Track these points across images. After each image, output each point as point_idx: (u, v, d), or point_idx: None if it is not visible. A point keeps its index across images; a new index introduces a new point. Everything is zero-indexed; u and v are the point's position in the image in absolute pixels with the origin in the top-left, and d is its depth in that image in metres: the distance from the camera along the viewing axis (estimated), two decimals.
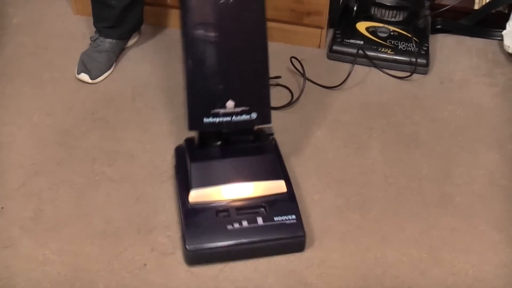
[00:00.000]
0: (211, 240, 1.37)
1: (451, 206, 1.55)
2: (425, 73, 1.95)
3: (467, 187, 1.60)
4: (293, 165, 1.62)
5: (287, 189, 1.45)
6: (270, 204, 1.43)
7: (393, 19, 2.03)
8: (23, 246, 1.43)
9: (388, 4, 2.03)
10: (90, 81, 1.85)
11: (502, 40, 2.01)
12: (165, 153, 1.65)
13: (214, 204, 1.42)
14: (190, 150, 1.49)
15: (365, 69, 1.96)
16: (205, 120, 1.39)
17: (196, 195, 1.41)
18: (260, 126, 1.48)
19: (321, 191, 1.57)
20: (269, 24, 2.02)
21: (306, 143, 1.70)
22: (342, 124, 1.76)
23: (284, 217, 1.41)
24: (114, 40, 1.88)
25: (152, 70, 1.92)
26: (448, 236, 1.48)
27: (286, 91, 1.85)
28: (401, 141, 1.72)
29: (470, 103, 1.85)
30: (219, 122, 1.39)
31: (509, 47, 1.97)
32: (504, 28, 2.02)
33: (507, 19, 2.02)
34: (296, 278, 1.39)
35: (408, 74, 1.92)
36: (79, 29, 2.06)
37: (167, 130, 1.73)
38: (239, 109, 1.38)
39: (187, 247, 1.36)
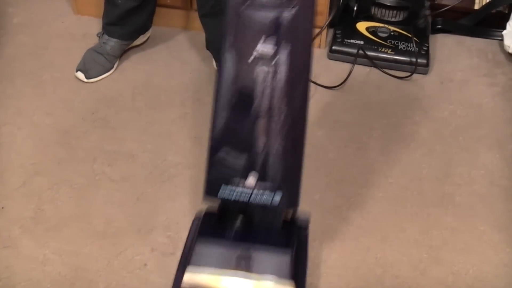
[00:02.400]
0: None
1: (451, 206, 1.55)
2: (425, 73, 1.95)
3: (467, 187, 1.60)
4: None
5: None
6: None
7: (393, 19, 2.03)
8: (23, 246, 1.43)
9: (388, 4, 2.03)
10: (85, 80, 1.85)
11: (502, 40, 2.01)
12: (165, 153, 1.65)
13: None
14: (205, 221, 1.30)
15: (365, 69, 1.96)
16: (222, 189, 1.22)
17: (191, 279, 1.21)
18: (294, 212, 1.32)
19: (321, 191, 1.57)
20: None
21: (306, 143, 1.70)
22: (342, 124, 1.76)
23: None
24: (116, 41, 1.87)
25: (152, 70, 1.92)
26: (448, 236, 1.48)
27: None
28: (401, 141, 1.72)
29: (470, 103, 1.85)
30: (236, 195, 1.21)
31: (509, 47, 1.97)
32: (504, 28, 2.02)
33: (507, 19, 2.02)
34: None
35: (408, 74, 1.92)
36: (79, 29, 2.06)
37: (167, 130, 1.73)
38: (261, 185, 1.20)
39: None
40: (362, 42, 1.98)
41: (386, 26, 2.01)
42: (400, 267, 1.42)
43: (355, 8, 2.06)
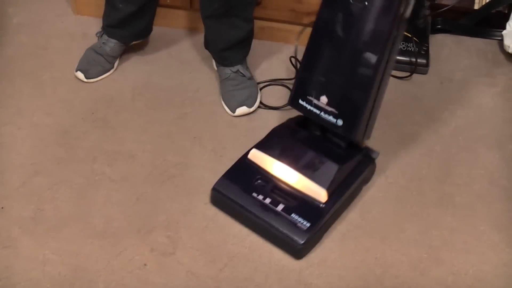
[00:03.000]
0: (233, 195, 1.48)
1: (451, 206, 1.55)
2: (425, 73, 1.94)
3: (467, 187, 1.60)
4: None
5: (327, 201, 1.44)
6: (300, 201, 1.45)
7: None
8: (23, 246, 1.43)
9: None
10: (85, 80, 1.85)
11: (502, 40, 2.01)
12: (165, 153, 1.65)
13: (261, 170, 1.50)
14: (289, 122, 1.58)
15: None
16: (300, 102, 1.47)
17: (254, 155, 1.52)
18: (368, 146, 1.56)
19: None
20: (269, 24, 2.04)
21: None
22: None
23: (300, 219, 1.42)
24: (116, 42, 1.87)
25: (152, 70, 1.92)
26: (448, 236, 1.48)
27: (286, 90, 1.84)
28: (401, 141, 1.72)
29: (470, 103, 1.84)
30: (309, 109, 1.46)
31: (509, 47, 1.97)
32: (504, 28, 2.01)
33: (507, 19, 2.01)
34: (296, 278, 1.39)
35: (408, 74, 1.92)
36: (79, 29, 2.05)
37: (167, 130, 1.73)
38: (329, 108, 1.43)
39: (214, 186, 1.51)
40: None
41: None
42: (400, 267, 1.42)
43: None
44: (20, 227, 1.47)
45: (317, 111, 1.45)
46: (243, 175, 1.51)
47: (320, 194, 1.43)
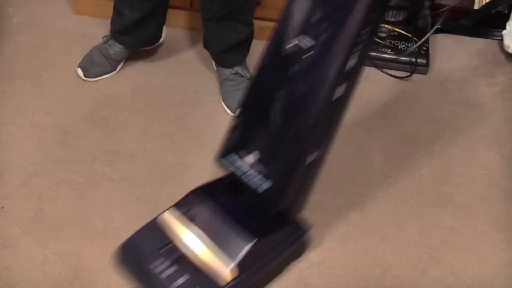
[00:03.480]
0: (133, 262, 1.33)
1: (451, 206, 1.55)
2: (425, 73, 1.95)
3: (467, 187, 1.60)
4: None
5: (232, 281, 1.24)
6: (203, 277, 1.24)
7: (393, 19, 2.03)
8: (23, 246, 1.43)
9: (388, 4, 2.03)
10: (83, 78, 1.86)
11: (502, 40, 2.01)
12: (165, 153, 1.65)
13: (170, 237, 1.31)
14: (214, 182, 1.39)
15: (365, 69, 1.95)
16: (228, 158, 1.29)
17: (165, 219, 1.34)
18: (299, 218, 1.36)
19: (321, 191, 1.57)
20: (269, 24, 2.03)
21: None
22: (342, 124, 1.76)
23: None
24: (121, 48, 1.85)
25: (152, 70, 1.92)
26: (448, 236, 1.48)
27: None
28: (401, 141, 1.72)
29: (470, 103, 1.85)
30: (235, 166, 1.27)
31: (509, 47, 1.97)
32: (504, 28, 2.02)
33: (507, 19, 2.01)
34: (296, 278, 1.39)
35: (408, 74, 1.93)
36: (79, 29, 2.06)
37: (167, 130, 1.73)
38: (258, 168, 1.24)
39: (118, 248, 1.37)
40: None
41: (386, 26, 2.00)
42: (399, 267, 1.42)
43: None
44: (20, 227, 1.47)
45: (245, 170, 1.25)
46: (151, 239, 1.32)
47: (222, 272, 1.23)
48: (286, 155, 1.22)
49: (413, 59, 1.93)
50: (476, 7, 2.13)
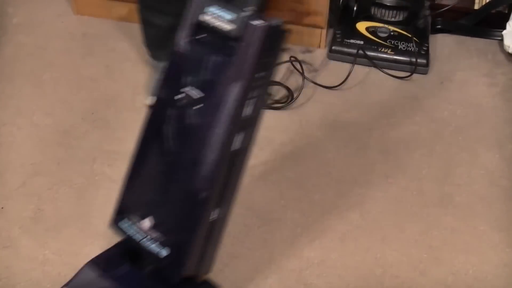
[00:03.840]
0: None
1: (451, 206, 1.55)
2: (425, 73, 1.94)
3: (467, 187, 1.60)
4: (293, 165, 1.62)
5: None
6: None
7: (393, 19, 2.03)
8: (23, 246, 1.43)
9: (388, 4, 2.03)
10: None
11: (502, 40, 2.01)
12: None
13: None
14: (109, 252, 1.25)
15: (365, 69, 1.96)
16: (122, 223, 1.18)
17: None
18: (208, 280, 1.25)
19: (321, 191, 1.57)
20: None
21: (306, 143, 1.70)
22: (342, 124, 1.76)
23: None
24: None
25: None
26: (448, 236, 1.48)
27: (285, 91, 1.84)
28: (401, 141, 1.72)
29: (470, 103, 1.85)
30: (132, 233, 1.15)
31: (509, 47, 1.97)
32: (504, 28, 2.01)
33: (507, 19, 2.01)
34: (296, 278, 1.39)
35: (408, 74, 1.92)
36: (79, 29, 2.06)
37: None
38: (153, 234, 1.13)
39: None
40: (362, 42, 1.97)
41: (386, 26, 2.00)
42: (400, 267, 1.42)
43: (355, 8, 2.06)
44: (20, 227, 1.47)
45: (140, 237, 1.13)
46: None
47: None
48: (182, 219, 1.11)
49: (413, 59, 1.93)
50: (476, 7, 2.13)
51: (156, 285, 1.16)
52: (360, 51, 1.95)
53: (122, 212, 1.18)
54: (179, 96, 1.07)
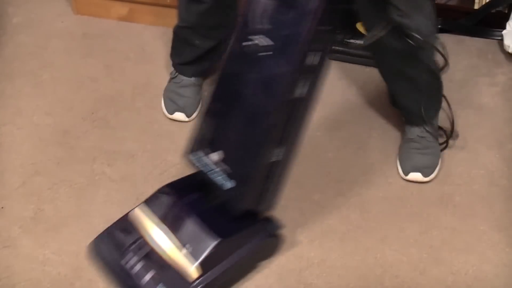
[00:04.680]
0: (104, 257, 1.35)
1: (451, 206, 1.55)
2: None
3: (467, 187, 1.60)
4: (293, 164, 1.62)
5: (198, 278, 1.25)
6: (172, 273, 1.26)
7: None
8: (23, 246, 1.43)
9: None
10: (186, 119, 1.73)
11: (502, 40, 2.01)
12: (165, 153, 1.65)
13: (140, 233, 1.32)
14: (184, 179, 1.39)
15: (365, 69, 1.96)
16: (195, 154, 1.29)
17: (135, 216, 1.34)
18: (269, 217, 1.36)
19: (321, 191, 1.57)
20: None
21: (306, 143, 1.69)
22: (342, 124, 1.76)
23: None
24: (193, 79, 1.75)
25: (152, 70, 1.92)
26: (448, 236, 1.48)
27: None
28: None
29: (470, 103, 1.84)
30: (203, 164, 1.27)
31: (509, 47, 1.97)
32: (504, 28, 2.01)
33: (507, 19, 2.01)
34: (296, 278, 1.39)
35: None
36: (79, 29, 2.06)
37: (167, 130, 1.72)
38: (223, 166, 1.24)
39: (90, 243, 1.38)
40: (362, 42, 1.97)
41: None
42: (400, 267, 1.42)
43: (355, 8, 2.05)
44: (20, 227, 1.47)
45: (211, 168, 1.25)
46: (121, 235, 1.34)
47: (188, 270, 1.24)
48: (247, 155, 1.22)
49: None
50: (476, 7, 2.13)
51: (221, 215, 1.28)
52: (360, 51, 1.94)
53: (195, 145, 1.29)
54: (249, 43, 1.17)
